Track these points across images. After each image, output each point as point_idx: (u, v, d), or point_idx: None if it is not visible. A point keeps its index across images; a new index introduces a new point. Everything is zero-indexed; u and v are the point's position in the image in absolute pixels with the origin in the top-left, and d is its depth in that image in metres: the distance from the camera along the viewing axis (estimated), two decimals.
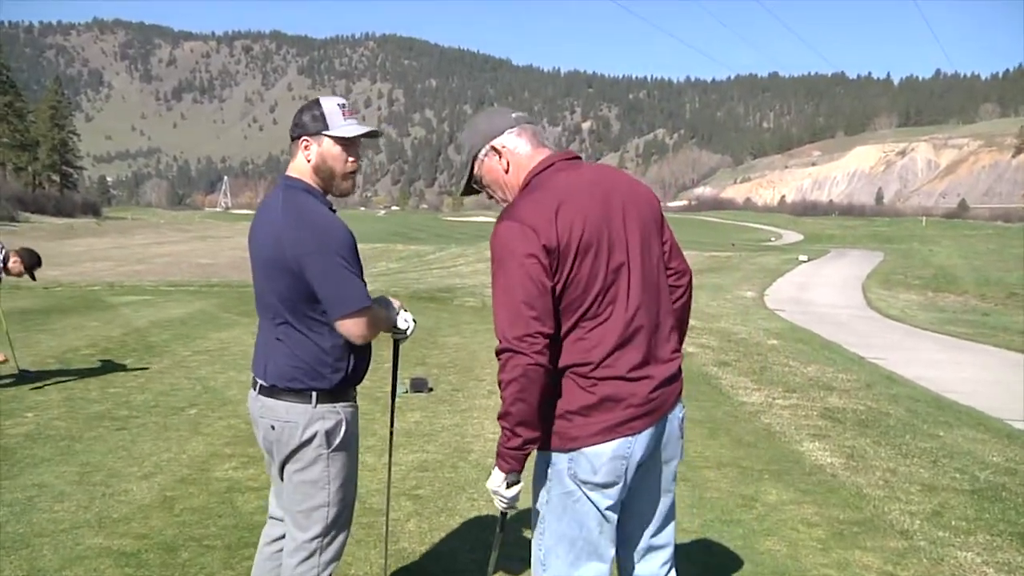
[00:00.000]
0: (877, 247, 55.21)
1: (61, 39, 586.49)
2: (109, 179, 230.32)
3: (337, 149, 2.47)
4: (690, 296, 2.45)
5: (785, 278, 27.71)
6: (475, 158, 2.33)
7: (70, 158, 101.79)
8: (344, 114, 2.48)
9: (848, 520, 4.35)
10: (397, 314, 2.65)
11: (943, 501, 4.70)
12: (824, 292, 23.33)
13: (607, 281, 2.14)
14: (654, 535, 2.37)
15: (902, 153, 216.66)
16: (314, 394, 2.44)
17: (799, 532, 4.15)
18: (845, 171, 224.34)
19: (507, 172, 2.29)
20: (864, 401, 7.62)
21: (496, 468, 2.18)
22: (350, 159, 2.50)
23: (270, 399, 2.48)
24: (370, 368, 2.60)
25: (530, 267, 2.06)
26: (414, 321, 2.71)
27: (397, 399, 6.88)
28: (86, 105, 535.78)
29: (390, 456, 3.15)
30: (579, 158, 2.31)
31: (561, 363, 2.14)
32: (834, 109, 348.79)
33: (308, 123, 2.47)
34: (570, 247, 2.09)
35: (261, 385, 2.52)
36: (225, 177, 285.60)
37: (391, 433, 3.07)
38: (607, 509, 2.20)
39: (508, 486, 2.18)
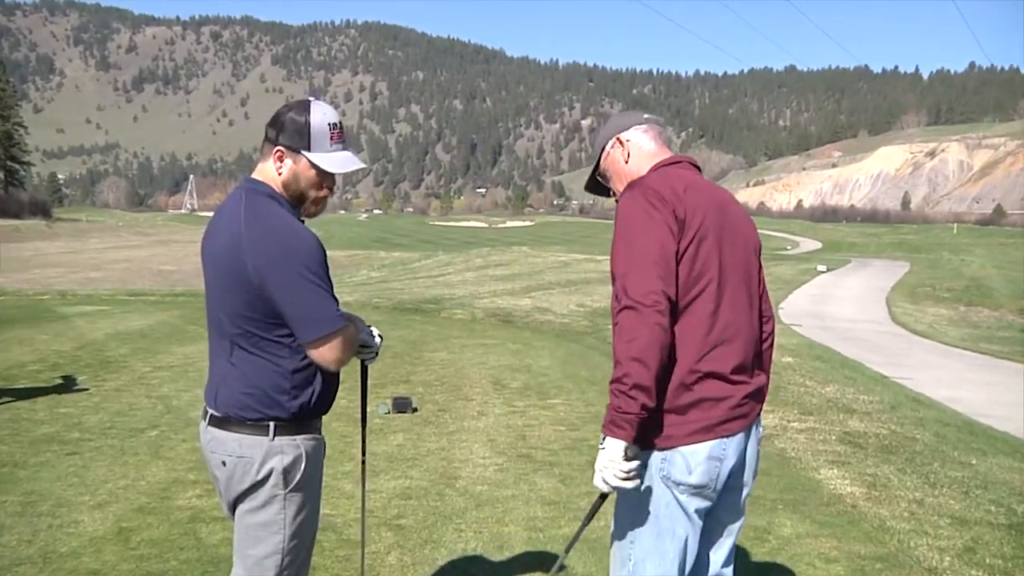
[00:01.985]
0: (903, 256, 55.38)
1: (5, 20, 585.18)
2: (61, 177, 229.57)
3: (313, 173, 2.40)
4: (773, 346, 2.62)
5: (802, 290, 27.75)
6: (603, 150, 2.58)
7: (16, 153, 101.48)
8: (332, 138, 2.39)
9: (870, 555, 4.36)
10: (366, 331, 2.60)
11: (976, 536, 4.71)
12: (844, 305, 23.38)
13: (718, 274, 2.30)
14: (724, 564, 2.49)
15: (931, 154, 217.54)
16: (271, 425, 2.35)
17: (816, 568, 4.16)
18: (868, 173, 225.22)
19: (627, 162, 2.52)
20: (888, 425, 7.64)
21: (609, 437, 2.15)
22: (325, 187, 2.44)
23: (221, 431, 2.40)
24: (348, 387, 2.60)
25: (658, 229, 2.22)
26: (380, 337, 2.66)
27: (380, 420, 6.90)
28: (34, 95, 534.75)
29: (364, 486, 3.14)
30: (700, 169, 2.51)
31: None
32: (857, 106, 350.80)
33: (290, 133, 2.38)
34: (693, 224, 2.26)
35: (212, 415, 2.44)
36: (191, 176, 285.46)
37: (363, 462, 3.03)
38: (695, 513, 2.31)
39: (627, 458, 2.15)
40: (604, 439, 2.18)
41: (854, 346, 14.41)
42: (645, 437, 2.23)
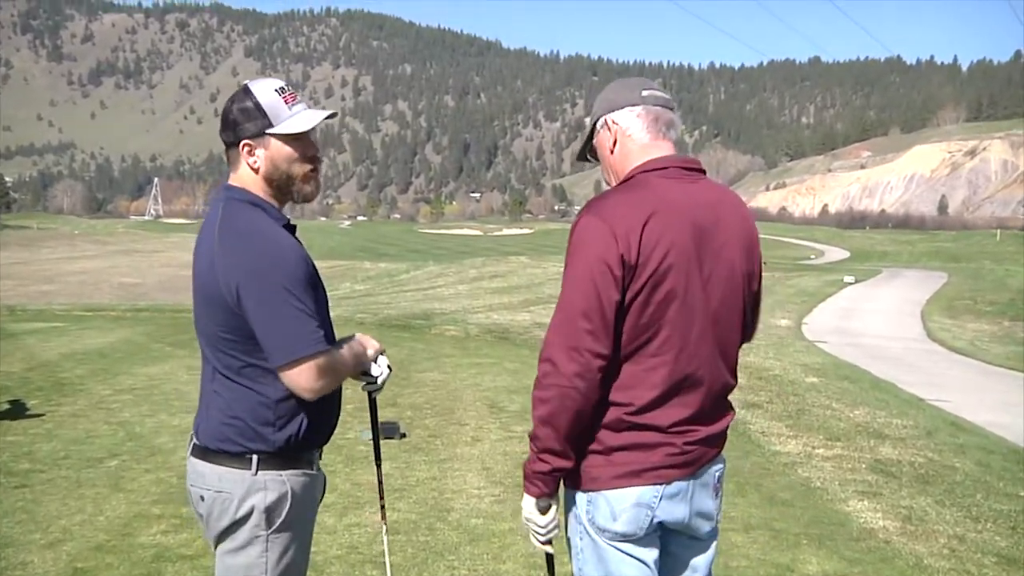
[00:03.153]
0: (940, 266, 55.50)
1: None
2: (8, 179, 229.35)
3: (288, 148, 2.38)
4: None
5: (827, 304, 27.81)
6: (594, 126, 2.47)
7: None
8: (287, 100, 2.38)
9: None
10: (373, 360, 2.57)
11: None
12: (875, 320, 23.42)
13: (675, 319, 2.22)
14: None
15: (971, 153, 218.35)
16: (254, 458, 2.34)
17: None
18: (901, 175, 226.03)
19: (611, 152, 2.41)
20: (924, 452, 7.66)
21: (524, 493, 2.28)
22: (308, 157, 2.43)
23: (201, 462, 2.39)
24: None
25: (599, 275, 2.15)
26: (389, 368, 2.62)
27: (364, 446, 6.89)
28: None
29: (385, 537, 3.14)
30: (700, 170, 2.39)
31: (600, 391, 2.21)
32: (888, 101, 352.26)
33: (243, 122, 2.36)
34: (647, 267, 2.16)
35: (194, 445, 2.44)
36: (155, 179, 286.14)
37: (382, 507, 2.94)
38: (641, 563, 2.28)
39: (542, 512, 2.26)
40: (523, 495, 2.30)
41: (885, 365, 14.43)
42: (570, 475, 2.28)
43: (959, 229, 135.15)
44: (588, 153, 2.53)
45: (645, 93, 2.39)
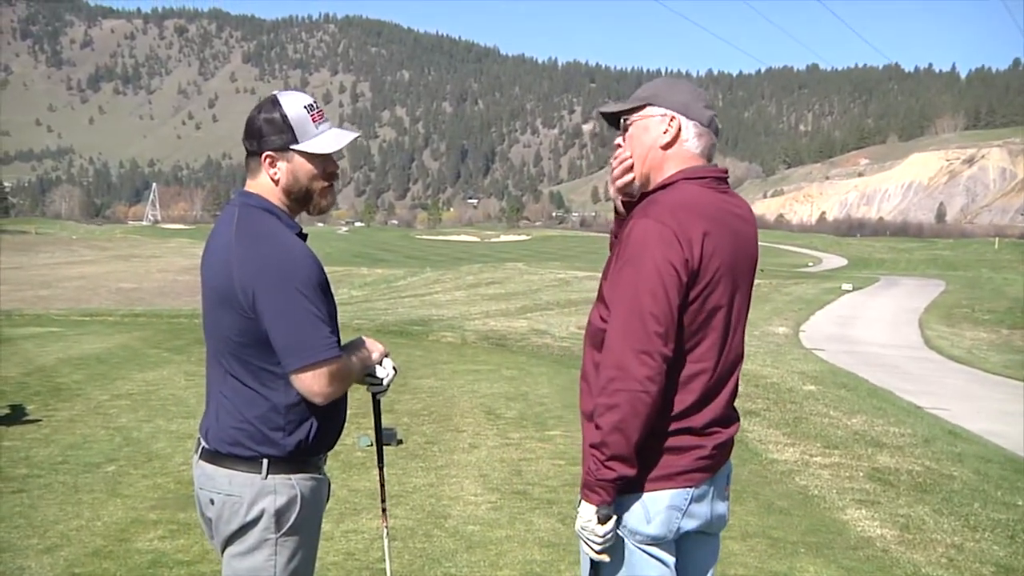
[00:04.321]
0: (938, 274, 55.53)
1: None
2: (7, 184, 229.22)
3: (310, 165, 2.43)
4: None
5: (825, 311, 27.83)
6: (647, 105, 2.41)
7: None
8: (314, 118, 2.42)
9: None
10: (378, 363, 2.59)
11: None
12: (872, 328, 23.44)
13: (719, 327, 2.30)
14: None
15: (969, 161, 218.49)
16: (265, 462, 2.37)
17: None
18: (899, 183, 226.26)
19: (662, 147, 2.38)
20: (922, 460, 7.66)
21: (583, 501, 2.25)
22: (327, 173, 2.47)
23: (211, 466, 2.42)
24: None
25: (667, 276, 2.18)
26: (395, 369, 2.65)
27: (361, 452, 6.90)
28: None
29: (386, 545, 3.15)
30: (727, 179, 2.43)
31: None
32: (886, 108, 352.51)
33: (268, 134, 2.40)
34: (704, 276, 2.23)
35: (203, 448, 2.46)
36: (153, 184, 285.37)
37: (384, 510, 2.95)
38: (664, 565, 2.31)
39: (601, 521, 2.23)
40: (580, 502, 2.27)
41: (883, 373, 14.45)
42: None
43: (957, 237, 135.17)
44: (619, 119, 2.47)
45: (714, 120, 2.44)
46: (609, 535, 2.24)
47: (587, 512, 2.24)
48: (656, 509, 2.27)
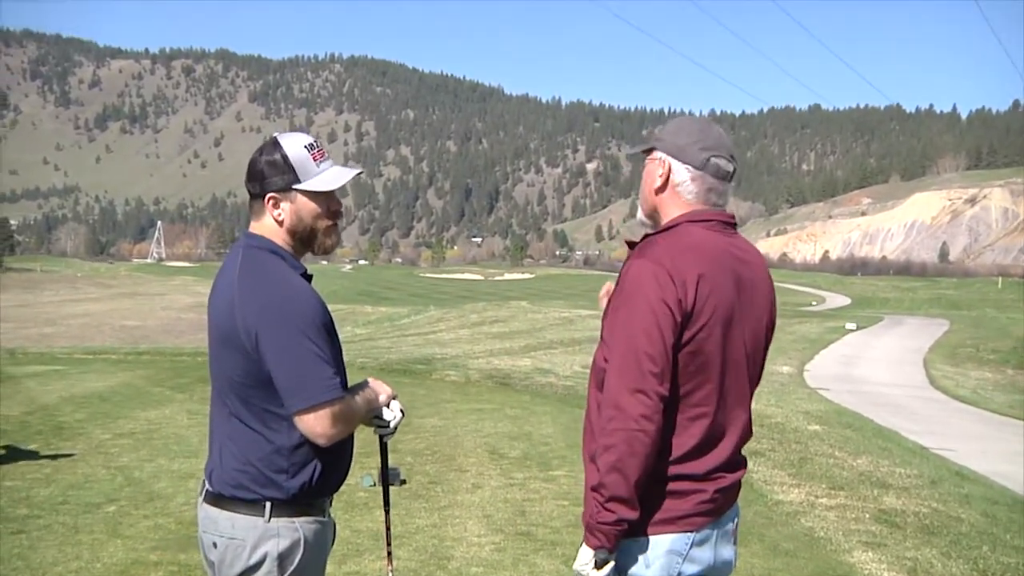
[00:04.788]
0: (941, 314, 55.50)
1: None
2: (13, 222, 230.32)
3: (314, 204, 2.45)
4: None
5: (829, 350, 27.78)
6: (653, 148, 2.47)
7: None
8: (315, 157, 2.44)
9: None
10: (385, 405, 2.59)
11: None
12: (877, 368, 23.38)
13: (718, 370, 2.29)
14: None
15: (972, 201, 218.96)
16: (268, 505, 2.36)
17: None
18: (901, 222, 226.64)
19: (655, 190, 2.44)
20: (928, 502, 7.60)
21: (583, 544, 2.25)
22: (331, 211, 2.49)
23: (214, 509, 2.42)
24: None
25: (661, 316, 2.18)
26: (402, 412, 2.64)
27: (364, 493, 6.86)
28: None
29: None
30: (735, 223, 2.46)
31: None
32: (888, 148, 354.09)
33: (271, 175, 2.42)
34: (699, 318, 2.23)
35: (207, 491, 2.46)
36: (158, 222, 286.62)
37: (389, 553, 2.94)
38: None
39: (598, 566, 2.23)
40: (582, 543, 2.27)
41: (888, 413, 14.39)
42: None
43: (960, 276, 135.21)
44: (639, 154, 2.53)
45: (712, 160, 2.40)
46: None
47: (585, 555, 2.24)
48: (656, 554, 2.25)
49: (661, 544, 2.26)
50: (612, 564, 2.25)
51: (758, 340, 2.42)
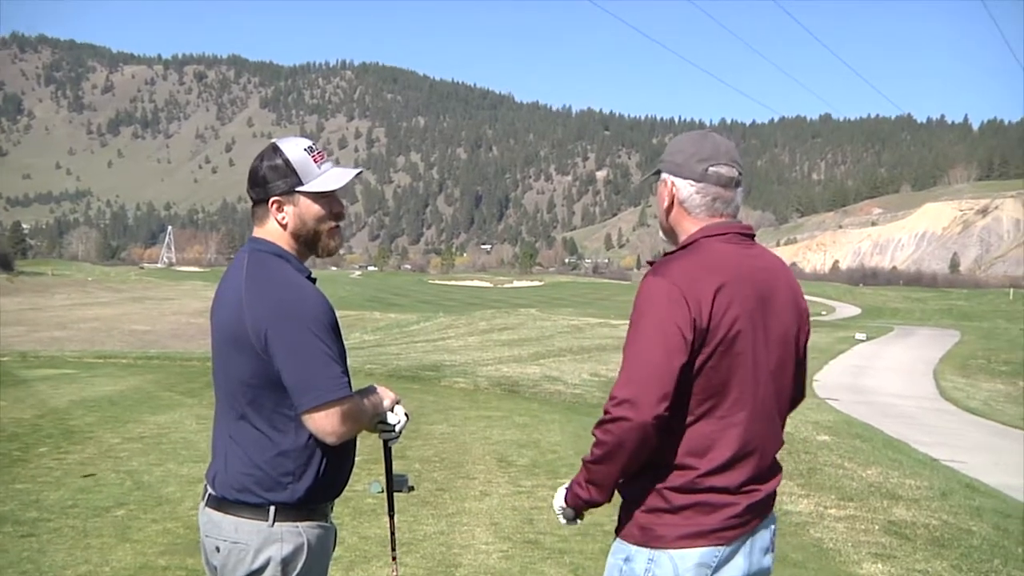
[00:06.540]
0: (952, 324, 55.33)
1: None
2: (25, 226, 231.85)
3: (316, 206, 2.46)
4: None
5: (839, 360, 27.72)
6: (659, 171, 2.52)
7: None
8: (315, 159, 2.45)
9: None
10: (389, 409, 2.59)
11: None
12: (887, 378, 23.30)
13: (743, 383, 2.30)
14: None
15: (983, 211, 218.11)
16: (272, 509, 2.36)
17: None
18: (912, 232, 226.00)
19: (665, 210, 2.49)
20: (938, 514, 7.56)
21: (561, 490, 2.48)
22: (334, 213, 2.51)
23: (217, 513, 2.41)
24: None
25: (670, 336, 2.20)
26: (406, 416, 2.65)
27: (372, 499, 6.85)
28: None
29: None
30: (753, 235, 2.46)
31: (668, 452, 2.28)
32: (899, 158, 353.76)
33: (273, 180, 2.43)
34: (717, 332, 2.24)
35: (210, 495, 2.46)
36: (169, 227, 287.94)
37: (394, 558, 2.90)
38: None
39: (566, 518, 2.49)
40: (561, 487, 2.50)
41: (898, 424, 14.33)
42: (633, 530, 2.33)
43: (971, 287, 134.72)
44: (650, 179, 2.57)
45: (710, 170, 2.40)
46: (572, 521, 2.50)
47: (558, 500, 2.48)
48: (685, 566, 2.26)
49: (691, 558, 2.26)
50: (579, 521, 2.49)
51: (787, 349, 2.42)
